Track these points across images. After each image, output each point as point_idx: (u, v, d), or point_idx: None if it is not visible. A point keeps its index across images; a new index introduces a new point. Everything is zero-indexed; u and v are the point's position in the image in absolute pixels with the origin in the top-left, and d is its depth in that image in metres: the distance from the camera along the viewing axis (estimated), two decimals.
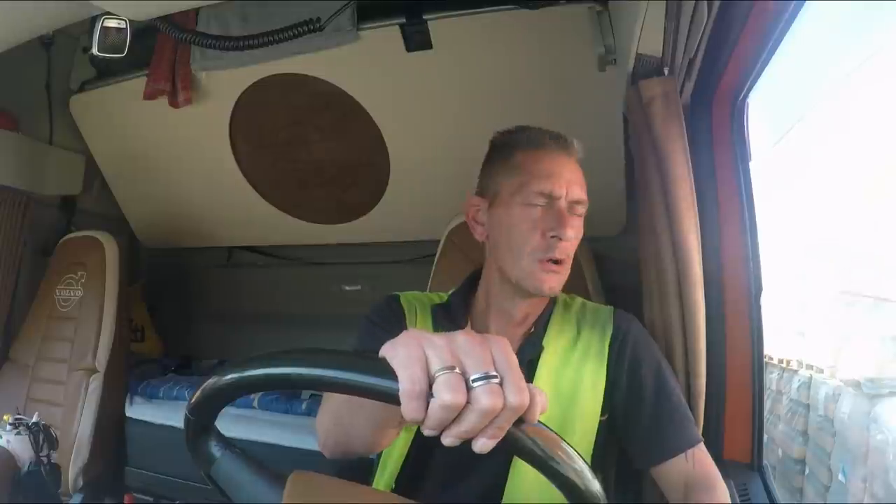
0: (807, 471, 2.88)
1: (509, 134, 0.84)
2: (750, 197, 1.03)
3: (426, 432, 0.37)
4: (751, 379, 1.01)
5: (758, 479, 0.99)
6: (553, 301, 0.86)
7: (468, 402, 0.36)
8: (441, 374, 0.36)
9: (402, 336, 0.39)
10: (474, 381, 0.36)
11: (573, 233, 0.77)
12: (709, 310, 0.91)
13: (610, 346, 0.81)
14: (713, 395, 0.96)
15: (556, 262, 0.78)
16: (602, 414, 0.79)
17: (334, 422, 0.64)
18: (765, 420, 1.02)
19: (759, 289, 1.01)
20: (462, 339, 0.38)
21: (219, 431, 0.48)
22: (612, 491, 0.91)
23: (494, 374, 0.36)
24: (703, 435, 0.94)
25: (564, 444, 0.42)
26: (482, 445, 0.36)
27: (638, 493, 0.95)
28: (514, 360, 0.38)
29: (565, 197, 0.78)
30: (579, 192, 0.79)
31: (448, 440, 0.37)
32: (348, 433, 0.62)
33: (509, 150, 0.82)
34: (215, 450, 0.47)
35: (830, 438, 2.66)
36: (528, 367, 0.79)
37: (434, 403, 0.36)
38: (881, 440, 2.24)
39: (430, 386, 0.36)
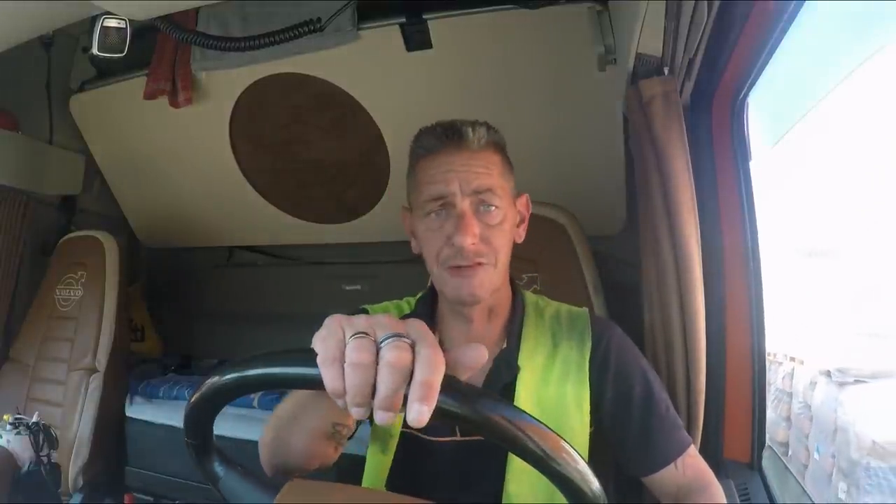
0: (789, 452, 3.13)
1: (414, 141, 0.79)
2: (750, 197, 1.03)
3: (354, 412, 0.39)
4: (751, 379, 1.01)
5: (758, 478, 0.99)
6: (523, 305, 0.81)
7: (379, 365, 0.38)
8: (351, 341, 0.39)
9: (326, 319, 0.42)
10: (381, 342, 0.38)
11: (471, 238, 0.70)
12: (709, 309, 0.91)
13: (591, 359, 0.77)
14: (713, 394, 0.96)
15: (467, 266, 0.72)
16: (591, 428, 0.76)
17: (273, 436, 0.64)
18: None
19: (759, 288, 1.01)
20: (381, 316, 0.41)
21: (220, 450, 0.52)
22: (612, 492, 0.91)
23: (405, 335, 0.39)
24: (703, 434, 0.94)
25: (565, 444, 0.42)
26: (416, 412, 0.37)
27: (639, 493, 0.95)
28: (427, 330, 0.40)
29: (461, 193, 0.71)
30: (482, 181, 0.72)
31: (379, 416, 0.38)
32: (285, 447, 0.63)
33: (412, 159, 0.78)
34: (219, 469, 0.52)
35: (808, 422, 2.96)
36: (506, 389, 0.75)
37: (346, 367, 0.38)
38: (845, 421, 2.59)
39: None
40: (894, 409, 2.27)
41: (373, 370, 0.38)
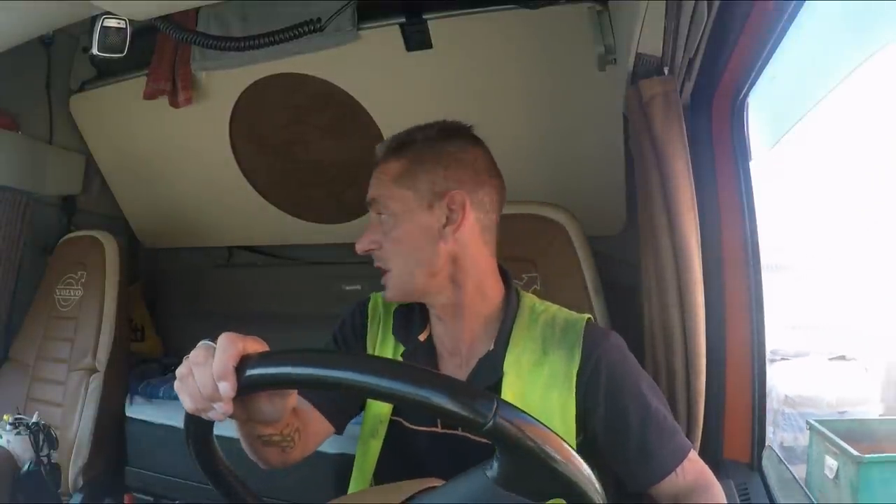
0: None
1: None
2: (750, 197, 1.03)
3: (210, 416, 0.48)
4: (751, 378, 1.01)
5: (758, 478, 0.99)
6: (516, 307, 0.80)
7: None
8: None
9: None
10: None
11: (360, 245, 0.77)
12: (709, 309, 0.91)
13: (578, 375, 0.74)
14: (713, 394, 0.96)
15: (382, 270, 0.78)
16: (577, 437, 0.74)
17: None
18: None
19: (759, 288, 1.01)
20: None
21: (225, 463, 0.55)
22: (611, 492, 0.91)
23: (210, 341, 0.49)
24: (702, 434, 0.94)
25: (564, 444, 0.42)
26: (220, 389, 0.46)
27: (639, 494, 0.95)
28: (231, 334, 0.49)
29: (369, 204, 0.79)
30: (371, 192, 0.79)
31: (218, 407, 0.47)
32: (246, 452, 0.71)
33: None
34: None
35: None
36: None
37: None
38: (771, 385, 3.35)
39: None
40: (801, 376, 3.31)
41: (192, 378, 0.48)
